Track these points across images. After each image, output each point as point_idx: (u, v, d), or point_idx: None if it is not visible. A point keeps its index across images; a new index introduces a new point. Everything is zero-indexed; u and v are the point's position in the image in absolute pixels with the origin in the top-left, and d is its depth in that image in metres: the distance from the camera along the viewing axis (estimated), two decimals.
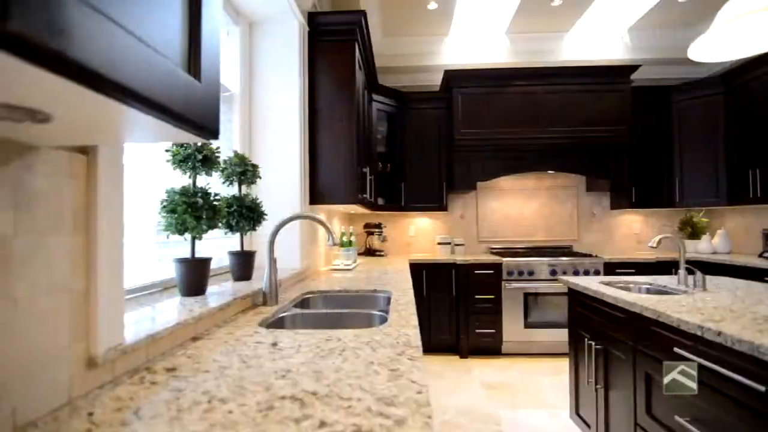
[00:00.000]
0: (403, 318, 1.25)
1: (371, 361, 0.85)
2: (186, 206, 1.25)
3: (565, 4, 3.13)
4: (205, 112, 0.56)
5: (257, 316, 1.28)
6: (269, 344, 0.98)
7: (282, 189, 2.14)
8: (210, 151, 1.34)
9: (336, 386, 0.72)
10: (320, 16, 2.33)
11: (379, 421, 0.59)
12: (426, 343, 3.35)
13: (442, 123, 3.67)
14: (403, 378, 0.75)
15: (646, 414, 1.47)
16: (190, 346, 0.98)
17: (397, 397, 0.67)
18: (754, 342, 1.00)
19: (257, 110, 2.15)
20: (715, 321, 1.20)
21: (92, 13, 0.34)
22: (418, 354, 0.89)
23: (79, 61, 0.33)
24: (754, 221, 3.44)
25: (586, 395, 1.93)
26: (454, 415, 2.35)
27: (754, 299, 1.52)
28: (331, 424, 0.58)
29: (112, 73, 0.37)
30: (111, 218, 0.77)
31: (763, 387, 0.99)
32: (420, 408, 0.63)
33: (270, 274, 1.45)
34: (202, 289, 1.33)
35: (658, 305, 1.42)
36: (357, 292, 1.79)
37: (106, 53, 0.36)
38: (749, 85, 3.14)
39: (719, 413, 1.14)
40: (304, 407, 0.64)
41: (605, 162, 3.50)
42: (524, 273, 3.28)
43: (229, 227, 1.60)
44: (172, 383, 0.75)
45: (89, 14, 0.34)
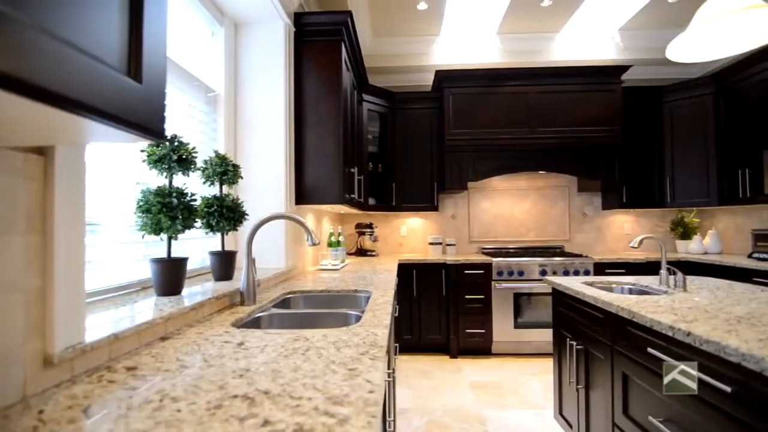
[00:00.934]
0: (377, 318, 1.25)
1: (332, 361, 0.85)
2: (161, 206, 1.25)
3: (554, 5, 3.13)
4: (148, 113, 0.57)
5: (232, 316, 1.29)
6: (236, 344, 0.99)
7: (267, 189, 2.14)
8: (186, 151, 1.34)
9: (290, 386, 0.72)
10: (306, 17, 2.33)
11: (323, 420, 0.60)
12: (416, 343, 3.36)
13: (434, 123, 3.67)
14: (360, 378, 0.76)
15: (623, 414, 1.47)
16: (158, 346, 0.98)
17: (347, 397, 0.68)
18: (720, 342, 1.01)
19: (242, 110, 2.16)
20: (687, 321, 1.20)
21: (12, 19, 0.35)
22: (381, 354, 0.90)
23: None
24: (744, 221, 3.44)
25: (569, 395, 1.93)
26: (440, 415, 2.36)
27: (733, 300, 1.52)
28: (274, 423, 0.59)
29: (33, 76, 0.38)
30: (70, 218, 0.77)
31: (729, 388, 0.99)
32: (367, 407, 0.64)
33: (247, 274, 1.46)
34: (178, 289, 1.33)
35: (633, 305, 1.42)
36: (338, 292, 1.79)
37: (29, 58, 0.37)
38: (739, 85, 3.14)
39: (691, 414, 1.14)
40: (253, 406, 0.64)
41: (596, 162, 3.50)
42: (514, 273, 3.28)
43: (209, 227, 1.60)
44: (129, 382, 0.76)
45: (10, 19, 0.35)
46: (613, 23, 3.48)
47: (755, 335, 1.05)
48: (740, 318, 1.24)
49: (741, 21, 1.41)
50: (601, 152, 3.49)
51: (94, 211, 1.36)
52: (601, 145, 3.46)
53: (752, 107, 3.02)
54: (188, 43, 1.81)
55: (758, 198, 2.94)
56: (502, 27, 3.50)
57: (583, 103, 3.44)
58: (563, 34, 3.63)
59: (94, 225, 1.37)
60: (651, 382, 1.31)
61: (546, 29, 3.56)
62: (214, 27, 2.02)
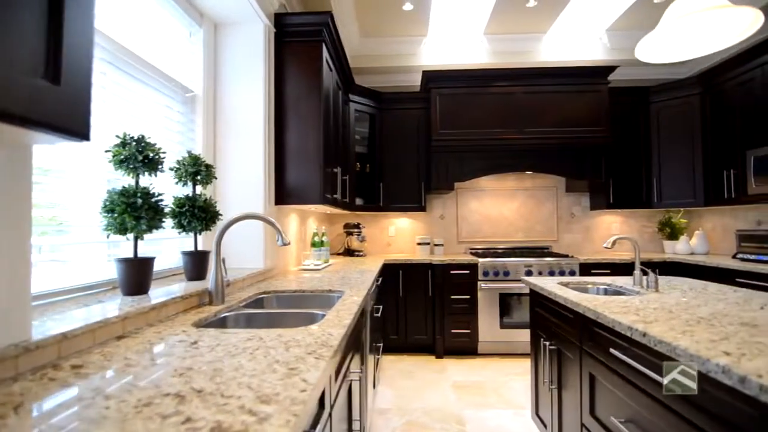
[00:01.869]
0: (339, 317, 1.26)
1: (276, 360, 0.86)
2: (125, 206, 1.26)
3: (540, 5, 3.14)
4: (66, 114, 0.57)
5: (196, 316, 1.30)
6: (189, 343, 0.99)
7: (245, 189, 2.15)
8: (153, 152, 1.35)
9: (226, 384, 0.73)
10: (287, 17, 2.34)
11: (243, 418, 0.60)
12: (402, 344, 3.37)
13: (422, 123, 3.68)
14: (297, 377, 0.76)
15: (590, 414, 1.48)
16: (112, 345, 0.99)
17: (278, 395, 0.68)
18: (671, 343, 1.01)
19: (221, 111, 2.17)
20: (647, 322, 1.21)
21: None
22: (328, 353, 0.90)
23: None
24: (731, 222, 3.44)
25: (544, 395, 1.94)
26: (419, 415, 2.36)
27: (701, 300, 1.52)
28: (194, 421, 0.60)
29: None
30: (9, 219, 0.78)
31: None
32: (292, 406, 0.64)
33: (216, 274, 1.47)
34: (144, 289, 1.34)
35: (599, 306, 1.42)
36: (312, 292, 1.80)
37: None
38: (724, 85, 3.14)
39: (648, 415, 1.14)
40: (181, 404, 0.65)
41: (583, 162, 3.50)
42: (500, 273, 3.29)
43: (181, 227, 1.61)
44: (70, 380, 0.77)
45: None
46: (600, 24, 3.49)
47: (709, 336, 1.05)
48: (702, 318, 1.24)
49: (708, 21, 1.42)
50: (587, 152, 3.50)
51: (66, 211, 1.37)
52: (587, 146, 3.46)
53: (736, 108, 3.02)
54: (164, 43, 1.81)
55: (742, 198, 2.94)
56: (489, 27, 3.50)
57: (570, 104, 3.44)
58: (550, 35, 3.63)
59: (64, 225, 1.39)
60: (613, 383, 1.31)
61: (533, 30, 3.56)
62: (192, 27, 2.03)
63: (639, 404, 1.18)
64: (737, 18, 1.39)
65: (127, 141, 1.31)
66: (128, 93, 1.60)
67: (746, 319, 1.22)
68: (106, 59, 1.48)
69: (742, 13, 1.37)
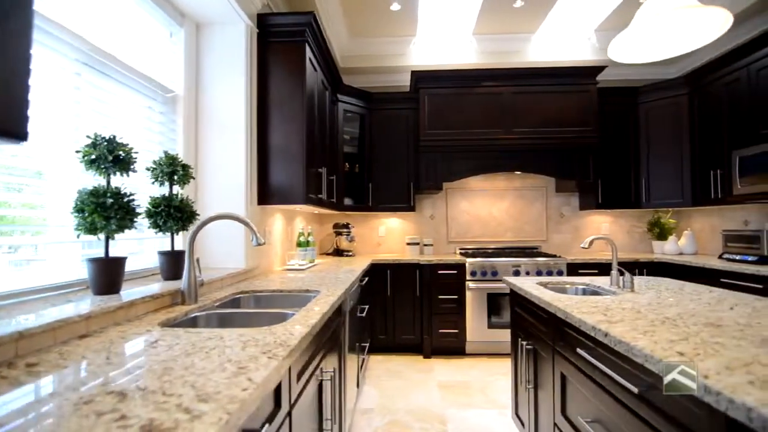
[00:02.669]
0: (306, 317, 1.27)
1: (229, 359, 0.86)
2: (94, 206, 1.27)
3: (527, 6, 3.14)
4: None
5: (166, 315, 1.30)
6: (150, 342, 1.00)
7: (227, 189, 2.16)
8: (124, 152, 1.35)
9: (171, 383, 0.74)
10: (270, 18, 2.35)
11: (178, 416, 0.61)
12: (390, 343, 3.37)
13: (411, 123, 3.68)
14: (243, 376, 0.77)
15: (561, 414, 1.48)
16: (73, 344, 0.99)
17: (218, 394, 0.69)
18: (629, 343, 1.01)
19: (203, 111, 2.17)
20: (612, 322, 1.21)
21: None
22: (283, 353, 0.91)
23: None
24: (719, 222, 3.44)
25: (522, 395, 1.94)
26: (402, 414, 2.37)
27: (674, 300, 1.53)
28: (128, 418, 0.60)
29: None
30: None
31: (636, 389, 1.00)
32: (228, 404, 0.65)
33: (189, 274, 1.47)
34: (116, 288, 1.35)
35: (569, 306, 1.43)
36: (290, 292, 1.81)
37: None
38: (711, 85, 3.14)
39: (611, 415, 1.15)
40: (121, 402, 0.66)
41: (571, 163, 3.50)
42: (488, 273, 3.29)
43: (156, 227, 1.62)
44: (21, 378, 0.77)
45: None
46: (588, 24, 3.49)
47: (669, 336, 1.05)
48: (668, 319, 1.24)
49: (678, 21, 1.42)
50: (575, 153, 3.50)
51: (44, 210, 1.38)
52: (576, 146, 3.47)
53: (723, 108, 3.02)
54: (143, 44, 1.82)
55: (727, 199, 2.95)
56: (477, 28, 3.51)
57: (559, 104, 3.44)
58: (539, 35, 3.64)
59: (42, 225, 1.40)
60: (581, 382, 1.32)
61: (522, 30, 3.57)
62: (173, 27, 2.04)
63: (603, 404, 1.19)
64: (707, 19, 1.40)
65: (98, 141, 1.31)
66: (105, 94, 1.61)
67: (712, 320, 1.23)
68: (81, 60, 1.49)
69: (712, 14, 1.38)
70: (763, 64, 2.68)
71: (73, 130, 1.47)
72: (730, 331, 1.09)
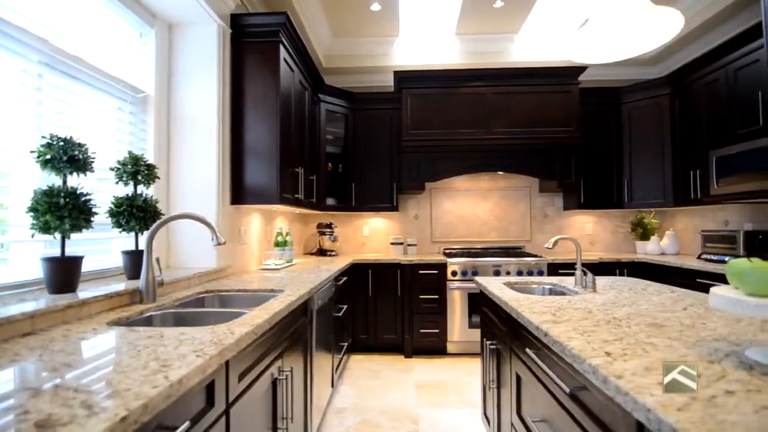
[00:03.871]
0: (255, 316, 1.28)
1: (156, 358, 0.88)
2: (48, 206, 1.28)
3: (507, 6, 3.15)
4: None
5: (119, 314, 1.32)
6: (89, 341, 1.02)
7: (198, 189, 2.17)
8: (80, 152, 1.37)
9: (89, 380, 0.75)
10: (243, 18, 2.36)
11: (76, 411, 0.62)
12: (372, 343, 3.38)
13: (394, 124, 3.69)
14: (161, 374, 0.78)
15: (517, 414, 1.49)
16: (13, 342, 1.01)
17: (127, 391, 0.70)
18: (563, 343, 1.02)
19: (175, 111, 2.19)
20: (558, 322, 1.22)
21: None
22: (214, 351, 0.92)
23: None
24: (701, 222, 3.44)
25: (488, 395, 1.95)
26: (375, 414, 2.38)
27: (631, 300, 1.54)
28: (32, 413, 0.62)
29: None
30: None
31: (568, 388, 1.01)
32: (134, 401, 0.66)
33: (147, 273, 1.49)
34: (72, 287, 1.36)
35: (522, 305, 1.44)
36: (255, 292, 1.82)
37: None
38: (692, 86, 3.14)
39: (553, 414, 1.16)
40: (34, 397, 0.67)
41: (553, 163, 3.51)
42: (468, 273, 3.30)
43: (119, 226, 1.63)
44: None
45: None
46: (571, 24, 3.49)
47: (606, 337, 1.06)
48: (614, 319, 1.25)
49: (630, 22, 1.43)
50: (558, 153, 3.50)
51: (6, 211, 1.40)
52: (558, 146, 3.47)
53: (702, 108, 3.03)
54: (111, 44, 1.83)
55: (705, 199, 2.95)
56: (459, 28, 3.51)
57: (541, 104, 3.45)
58: (522, 35, 3.64)
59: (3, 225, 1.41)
60: (532, 382, 1.33)
61: (504, 30, 3.57)
62: (143, 28, 2.05)
63: (547, 404, 1.20)
64: (660, 19, 1.40)
65: (54, 142, 1.33)
66: (68, 95, 1.62)
67: (659, 320, 1.23)
68: (43, 61, 1.50)
69: (665, 14, 1.38)
70: (741, 64, 2.68)
71: (35, 130, 1.48)
72: (669, 332, 1.10)
